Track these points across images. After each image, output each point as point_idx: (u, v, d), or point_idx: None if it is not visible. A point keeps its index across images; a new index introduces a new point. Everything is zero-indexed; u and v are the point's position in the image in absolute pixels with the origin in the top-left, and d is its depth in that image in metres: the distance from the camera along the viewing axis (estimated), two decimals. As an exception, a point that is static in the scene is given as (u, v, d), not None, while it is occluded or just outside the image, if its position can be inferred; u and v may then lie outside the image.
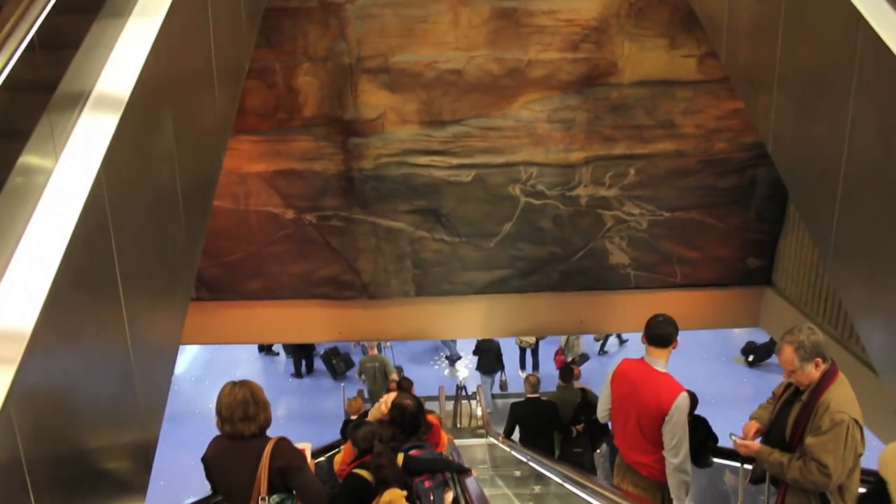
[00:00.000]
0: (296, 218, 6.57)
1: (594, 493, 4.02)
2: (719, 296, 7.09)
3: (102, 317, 2.18)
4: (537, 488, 6.16)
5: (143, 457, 2.61)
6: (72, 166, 2.03)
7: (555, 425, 7.97)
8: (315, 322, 6.99)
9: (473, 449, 9.78)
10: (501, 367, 12.27)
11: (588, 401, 8.31)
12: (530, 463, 6.29)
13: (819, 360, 3.52)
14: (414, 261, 6.75)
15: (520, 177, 6.52)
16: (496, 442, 8.77)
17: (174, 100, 2.87)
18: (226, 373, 15.56)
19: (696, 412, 4.62)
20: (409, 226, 6.64)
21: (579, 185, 6.57)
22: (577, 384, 8.86)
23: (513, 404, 8.44)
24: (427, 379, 12.40)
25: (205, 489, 3.92)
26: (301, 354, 13.02)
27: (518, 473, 7.67)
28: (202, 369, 16.26)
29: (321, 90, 6.14)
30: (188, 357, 17.00)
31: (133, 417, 2.49)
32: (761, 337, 12.25)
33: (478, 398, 11.35)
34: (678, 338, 4.33)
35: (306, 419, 11.73)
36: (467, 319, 7.08)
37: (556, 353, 12.55)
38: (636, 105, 6.26)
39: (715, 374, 12.76)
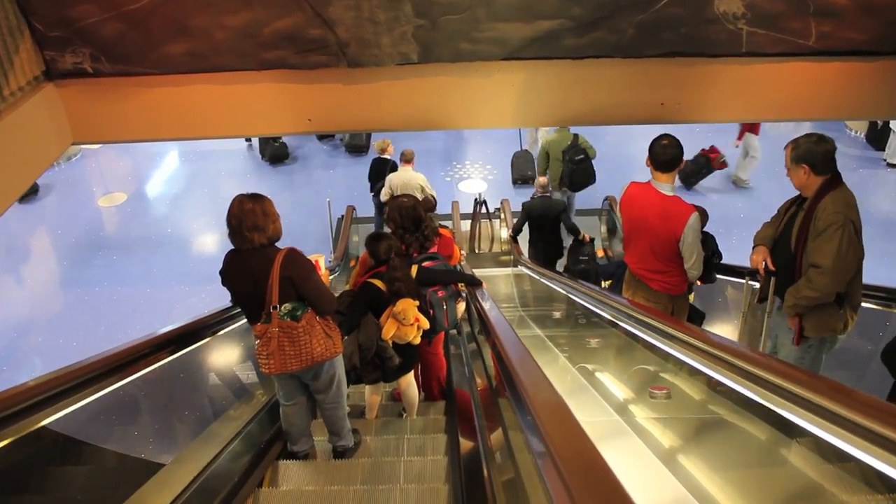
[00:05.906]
0: (229, -64, 4.15)
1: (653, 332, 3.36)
2: (864, 70, 4.75)
3: None
4: (592, 340, 4.41)
5: None
6: None
7: (562, 221, 8.42)
8: (270, 105, 4.72)
9: (496, 280, 7.93)
10: None
11: None
12: (555, 287, 5.41)
13: (806, 167, 3.91)
14: (416, 6, 4.38)
15: None
16: (526, 271, 6.99)
17: None
18: (212, 193, 13.69)
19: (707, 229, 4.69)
20: (406, -52, 4.22)
21: None
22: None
23: (524, 203, 8.48)
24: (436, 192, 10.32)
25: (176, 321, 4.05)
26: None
27: (557, 315, 5.85)
28: (182, 185, 14.47)
29: None
30: (166, 173, 15.13)
31: None
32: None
33: (501, 216, 9.28)
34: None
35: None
36: (494, 100, 4.75)
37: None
38: None
39: (790, 190, 10.77)
